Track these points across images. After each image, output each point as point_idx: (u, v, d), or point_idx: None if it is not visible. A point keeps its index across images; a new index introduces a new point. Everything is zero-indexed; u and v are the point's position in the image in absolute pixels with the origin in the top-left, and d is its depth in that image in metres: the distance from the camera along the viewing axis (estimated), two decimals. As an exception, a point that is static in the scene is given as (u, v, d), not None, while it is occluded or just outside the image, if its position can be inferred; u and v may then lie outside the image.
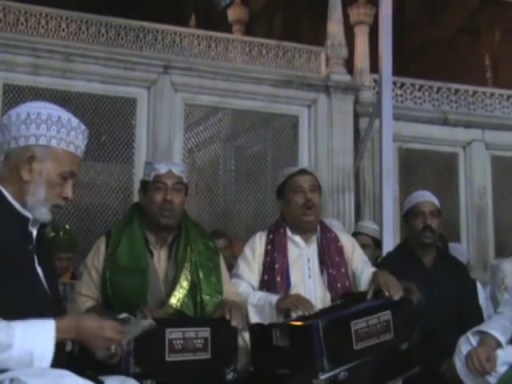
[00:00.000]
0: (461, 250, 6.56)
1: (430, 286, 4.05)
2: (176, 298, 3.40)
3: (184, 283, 3.44)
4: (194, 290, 3.44)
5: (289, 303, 3.49)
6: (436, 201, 4.48)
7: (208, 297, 3.44)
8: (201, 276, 3.47)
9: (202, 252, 3.55)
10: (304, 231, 3.88)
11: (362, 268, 3.82)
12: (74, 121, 2.43)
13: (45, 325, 2.19)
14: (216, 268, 3.58)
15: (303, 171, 3.96)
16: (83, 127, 2.47)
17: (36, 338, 2.15)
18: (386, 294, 3.40)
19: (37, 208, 2.37)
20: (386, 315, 3.26)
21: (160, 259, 3.52)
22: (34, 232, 2.43)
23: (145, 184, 3.56)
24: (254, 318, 3.56)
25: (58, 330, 2.19)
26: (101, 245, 3.52)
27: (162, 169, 3.51)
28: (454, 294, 4.22)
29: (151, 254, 3.51)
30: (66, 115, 2.43)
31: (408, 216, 4.45)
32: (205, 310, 3.41)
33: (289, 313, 3.48)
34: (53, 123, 2.38)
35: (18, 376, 2.06)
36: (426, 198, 4.49)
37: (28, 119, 2.37)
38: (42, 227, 2.49)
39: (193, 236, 3.57)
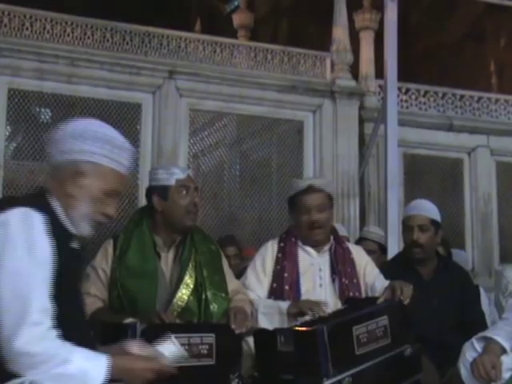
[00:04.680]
0: (462, 257, 6.54)
1: (429, 297, 4.01)
2: (181, 296, 3.44)
3: (189, 281, 3.51)
4: (198, 288, 3.50)
5: (302, 306, 3.50)
6: (429, 212, 4.27)
7: (212, 294, 3.48)
8: (205, 274, 3.53)
9: (205, 253, 3.62)
10: (315, 244, 3.87)
11: (376, 280, 3.81)
12: (125, 142, 2.50)
13: (99, 355, 2.29)
14: (219, 269, 3.67)
15: (311, 189, 3.82)
16: (132, 149, 2.54)
17: (93, 361, 2.25)
18: (398, 293, 3.39)
19: (79, 222, 2.42)
20: (384, 320, 3.26)
21: (167, 261, 3.58)
22: (77, 247, 2.50)
23: (165, 189, 3.57)
24: (263, 325, 3.56)
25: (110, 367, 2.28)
26: (108, 247, 3.56)
27: (182, 173, 3.63)
28: (454, 302, 4.18)
29: (159, 256, 3.54)
30: (119, 136, 2.49)
31: (402, 227, 4.37)
32: (209, 307, 3.47)
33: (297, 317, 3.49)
34: (105, 142, 2.43)
35: (37, 379, 2.13)
36: (416, 211, 4.29)
37: (82, 136, 2.40)
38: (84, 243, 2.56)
39: (197, 239, 3.68)
